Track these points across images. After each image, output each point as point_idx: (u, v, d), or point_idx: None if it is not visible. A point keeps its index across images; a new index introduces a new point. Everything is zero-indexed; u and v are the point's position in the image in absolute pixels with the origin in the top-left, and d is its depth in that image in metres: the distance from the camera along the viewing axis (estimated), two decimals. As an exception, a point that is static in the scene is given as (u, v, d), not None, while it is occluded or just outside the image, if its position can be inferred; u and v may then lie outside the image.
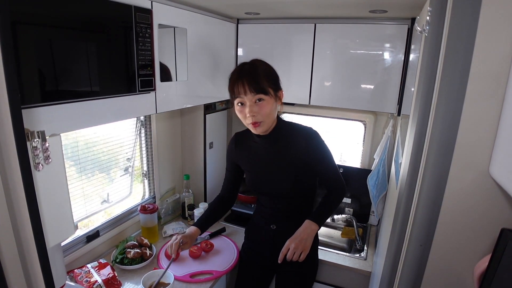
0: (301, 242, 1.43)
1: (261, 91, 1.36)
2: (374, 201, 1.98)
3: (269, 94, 1.37)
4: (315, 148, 1.47)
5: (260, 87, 1.35)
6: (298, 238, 1.44)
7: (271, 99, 1.39)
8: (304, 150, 1.46)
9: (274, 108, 1.42)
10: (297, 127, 1.52)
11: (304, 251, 1.42)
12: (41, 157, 0.68)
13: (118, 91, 1.19)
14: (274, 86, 1.41)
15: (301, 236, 1.44)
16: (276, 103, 1.44)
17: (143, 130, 1.92)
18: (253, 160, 1.57)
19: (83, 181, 1.57)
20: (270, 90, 1.38)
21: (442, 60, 0.75)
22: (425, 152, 0.80)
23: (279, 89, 1.44)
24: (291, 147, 1.48)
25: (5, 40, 0.55)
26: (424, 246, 0.83)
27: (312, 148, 1.46)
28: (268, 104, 1.38)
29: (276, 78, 1.44)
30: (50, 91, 0.95)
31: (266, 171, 1.53)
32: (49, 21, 0.92)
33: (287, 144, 1.48)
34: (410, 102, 1.15)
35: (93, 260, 1.57)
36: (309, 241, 1.45)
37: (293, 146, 1.47)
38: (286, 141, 1.49)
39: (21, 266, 0.67)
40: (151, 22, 1.28)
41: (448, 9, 0.74)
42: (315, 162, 1.49)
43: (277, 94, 1.42)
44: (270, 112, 1.40)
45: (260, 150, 1.54)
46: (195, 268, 1.59)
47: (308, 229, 1.46)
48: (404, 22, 1.68)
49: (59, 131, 0.92)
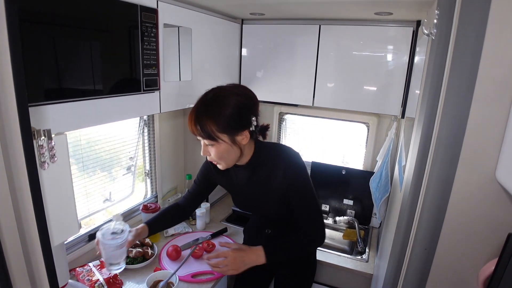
0: (237, 264, 1.30)
1: (208, 137, 1.19)
2: (376, 203, 1.97)
3: (218, 141, 1.19)
4: (291, 183, 1.30)
5: (206, 133, 1.18)
6: (239, 258, 1.31)
7: (222, 145, 1.21)
8: (282, 181, 1.30)
9: (230, 152, 1.24)
10: (275, 154, 1.34)
11: (229, 272, 1.31)
12: (47, 155, 0.68)
13: (123, 90, 1.19)
14: (229, 131, 1.19)
15: (243, 259, 1.31)
16: (236, 147, 1.24)
17: (146, 129, 1.92)
18: (235, 186, 1.46)
19: (85, 179, 1.57)
20: (220, 136, 1.18)
21: (449, 63, 0.75)
22: (430, 156, 0.80)
23: (238, 131, 1.21)
24: (270, 176, 1.33)
25: (13, 38, 0.55)
26: (428, 250, 0.83)
27: (289, 181, 1.30)
28: (219, 149, 1.22)
29: (235, 121, 1.19)
30: (56, 90, 0.95)
31: (250, 198, 1.44)
32: (56, 19, 0.92)
33: (266, 173, 1.34)
34: (415, 105, 1.15)
35: (95, 259, 1.57)
36: (243, 269, 1.31)
37: (272, 175, 1.32)
38: (265, 169, 1.34)
39: (25, 264, 0.67)
40: (157, 22, 1.28)
41: (456, 12, 0.73)
42: (292, 195, 1.32)
43: (234, 138, 1.21)
44: (224, 157, 1.25)
45: (240, 177, 1.41)
46: (197, 268, 1.59)
47: (253, 257, 1.31)
48: (409, 25, 1.68)
49: (64, 129, 0.92)
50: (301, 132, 2.46)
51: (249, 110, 1.23)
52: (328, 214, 2.28)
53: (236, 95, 1.20)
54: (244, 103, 1.21)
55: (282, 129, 2.47)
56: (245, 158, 1.33)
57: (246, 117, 1.22)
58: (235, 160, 1.30)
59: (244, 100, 1.22)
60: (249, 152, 1.32)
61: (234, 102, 1.18)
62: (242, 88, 1.27)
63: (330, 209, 2.28)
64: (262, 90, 2.08)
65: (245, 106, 1.21)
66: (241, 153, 1.27)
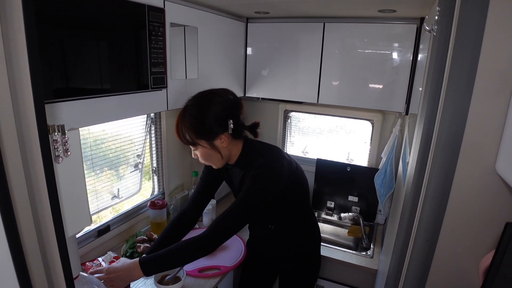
0: (114, 280, 1.24)
1: (188, 143, 1.31)
2: (381, 199, 1.99)
3: (197, 146, 1.31)
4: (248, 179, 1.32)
5: (186, 140, 1.30)
6: (114, 273, 1.24)
7: (204, 149, 1.31)
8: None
9: (213, 152, 1.31)
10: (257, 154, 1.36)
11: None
12: (61, 150, 0.70)
13: (132, 88, 1.22)
14: (206, 136, 1.28)
15: (119, 275, 1.24)
16: (216, 148, 1.31)
17: (153, 127, 1.95)
18: (233, 184, 1.52)
19: (94, 177, 1.60)
20: (199, 142, 1.29)
21: (450, 59, 0.76)
22: (432, 150, 0.82)
23: (215, 136, 1.28)
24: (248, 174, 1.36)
25: (31, 37, 0.58)
26: (430, 242, 0.85)
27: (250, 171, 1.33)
28: (203, 152, 1.32)
29: (209, 127, 1.26)
30: (67, 88, 0.98)
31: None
32: (67, 21, 0.95)
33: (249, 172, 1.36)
34: (418, 101, 1.17)
35: (104, 253, 1.61)
36: (121, 285, 1.24)
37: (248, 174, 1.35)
38: (249, 169, 1.35)
39: (40, 254, 0.70)
40: (164, 21, 1.30)
41: (456, 9, 0.75)
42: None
43: (212, 143, 1.30)
44: (209, 158, 1.34)
45: (235, 175, 1.47)
46: (204, 263, 1.62)
47: (128, 273, 1.25)
48: (413, 22, 1.69)
49: (74, 126, 0.95)
50: (306, 129, 2.48)
51: (226, 115, 1.29)
52: (333, 211, 2.30)
53: (211, 103, 1.28)
54: (219, 109, 1.28)
55: (287, 127, 2.49)
56: (234, 158, 1.39)
57: (222, 121, 1.28)
58: (222, 161, 1.36)
59: (220, 106, 1.28)
60: (236, 152, 1.38)
61: (208, 111, 1.27)
62: (222, 92, 1.34)
63: (335, 206, 2.29)
64: (267, 87, 2.10)
65: (221, 111, 1.28)
66: (221, 155, 1.33)
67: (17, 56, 0.57)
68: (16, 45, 0.57)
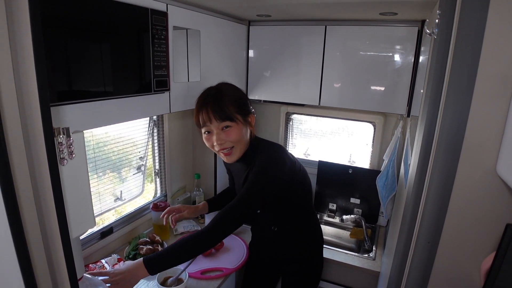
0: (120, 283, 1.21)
1: (227, 118, 1.29)
2: (383, 202, 1.99)
3: (236, 121, 1.31)
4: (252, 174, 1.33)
5: (225, 114, 1.29)
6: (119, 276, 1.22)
7: (239, 125, 1.32)
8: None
9: (244, 133, 1.35)
10: (262, 151, 1.39)
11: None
12: (66, 152, 0.72)
13: (135, 91, 1.23)
14: (242, 111, 1.34)
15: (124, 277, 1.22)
16: (247, 128, 1.37)
17: (156, 129, 1.96)
18: (236, 179, 1.59)
19: (96, 179, 1.61)
20: (237, 116, 1.31)
21: (450, 61, 0.77)
22: (433, 151, 0.82)
23: (248, 113, 1.37)
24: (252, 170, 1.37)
25: (37, 41, 0.59)
26: (432, 243, 0.85)
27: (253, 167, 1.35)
28: (236, 130, 1.32)
29: (245, 103, 1.37)
30: (71, 91, 0.99)
31: None
32: (71, 24, 0.96)
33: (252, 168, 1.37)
34: (420, 104, 1.17)
35: (107, 255, 1.62)
36: (127, 286, 1.22)
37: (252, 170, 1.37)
38: (253, 165, 1.37)
39: (45, 255, 0.71)
40: (167, 24, 1.32)
41: (456, 11, 0.76)
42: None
43: (246, 119, 1.36)
44: (240, 138, 1.34)
45: (237, 171, 1.53)
46: (206, 265, 1.62)
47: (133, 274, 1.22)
48: (414, 24, 1.70)
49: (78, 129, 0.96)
50: (308, 131, 2.49)
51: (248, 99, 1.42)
52: (335, 213, 2.30)
53: (235, 87, 1.41)
54: (243, 92, 1.42)
55: (289, 129, 2.49)
56: (243, 150, 1.40)
57: (249, 104, 1.40)
58: (244, 149, 1.39)
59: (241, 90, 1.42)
60: (247, 143, 1.41)
61: (239, 89, 1.40)
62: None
63: (337, 208, 2.30)
64: (269, 90, 2.11)
65: (245, 94, 1.41)
66: (249, 137, 1.40)
67: (24, 59, 0.58)
68: (22, 49, 0.58)
